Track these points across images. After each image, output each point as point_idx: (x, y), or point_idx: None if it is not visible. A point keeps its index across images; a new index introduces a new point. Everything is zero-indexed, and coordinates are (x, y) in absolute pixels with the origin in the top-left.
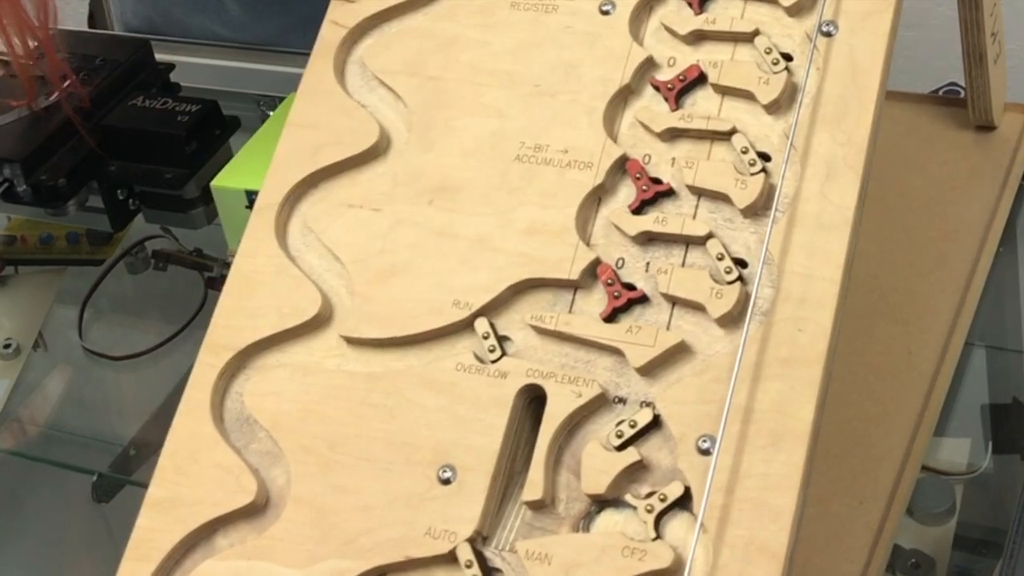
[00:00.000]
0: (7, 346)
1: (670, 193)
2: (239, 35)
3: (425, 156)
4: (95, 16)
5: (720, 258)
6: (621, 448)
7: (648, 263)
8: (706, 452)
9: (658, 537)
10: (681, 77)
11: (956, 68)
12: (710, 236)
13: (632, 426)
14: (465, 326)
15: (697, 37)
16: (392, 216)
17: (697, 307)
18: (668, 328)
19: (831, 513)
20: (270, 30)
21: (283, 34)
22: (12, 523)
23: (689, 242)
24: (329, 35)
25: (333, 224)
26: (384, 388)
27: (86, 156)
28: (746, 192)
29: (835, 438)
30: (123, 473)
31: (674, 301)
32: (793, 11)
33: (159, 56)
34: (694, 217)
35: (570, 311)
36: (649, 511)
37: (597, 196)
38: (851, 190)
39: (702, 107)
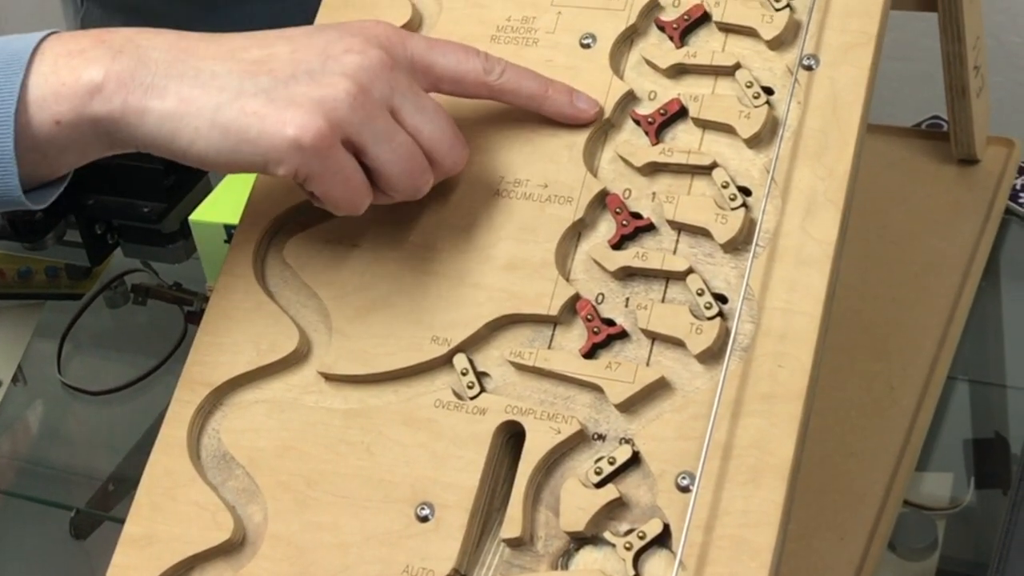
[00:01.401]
0: None
1: (650, 228)
2: None
3: None
4: None
5: (700, 293)
6: (600, 485)
7: (628, 298)
8: (685, 489)
9: (637, 575)
10: (662, 111)
11: (939, 101)
12: (690, 271)
13: (611, 463)
14: (444, 362)
15: (678, 71)
16: (371, 251)
17: (677, 343)
18: (648, 364)
19: (812, 549)
20: None
21: None
22: None
23: (669, 277)
24: None
25: (312, 260)
26: (362, 425)
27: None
28: (726, 227)
29: (816, 473)
30: (101, 509)
31: (654, 337)
32: (774, 45)
33: None
34: (674, 252)
35: (549, 347)
36: (628, 548)
37: (577, 231)
38: (832, 224)
39: (683, 141)
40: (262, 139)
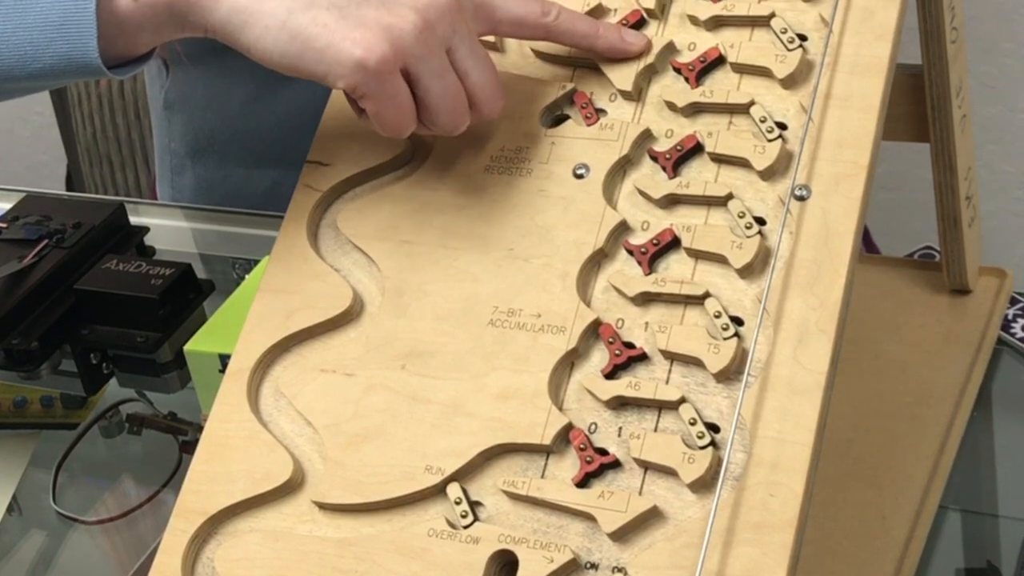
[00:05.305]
0: None
1: (643, 358)
2: None
3: (398, 320)
4: (72, 178)
5: (693, 423)
6: None
7: (621, 428)
8: None
9: None
10: (655, 241)
11: (931, 231)
12: (683, 401)
13: None
14: (437, 491)
15: (671, 201)
16: (365, 381)
17: (670, 472)
18: (640, 493)
19: None
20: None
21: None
22: None
23: (662, 407)
24: (302, 198)
25: (305, 389)
26: (355, 554)
27: (59, 319)
28: (719, 357)
29: None
30: None
31: (646, 466)
32: (767, 175)
33: (134, 219)
34: (667, 382)
35: (542, 476)
36: None
37: (570, 361)
38: (823, 354)
39: (675, 271)
40: (328, 51)
